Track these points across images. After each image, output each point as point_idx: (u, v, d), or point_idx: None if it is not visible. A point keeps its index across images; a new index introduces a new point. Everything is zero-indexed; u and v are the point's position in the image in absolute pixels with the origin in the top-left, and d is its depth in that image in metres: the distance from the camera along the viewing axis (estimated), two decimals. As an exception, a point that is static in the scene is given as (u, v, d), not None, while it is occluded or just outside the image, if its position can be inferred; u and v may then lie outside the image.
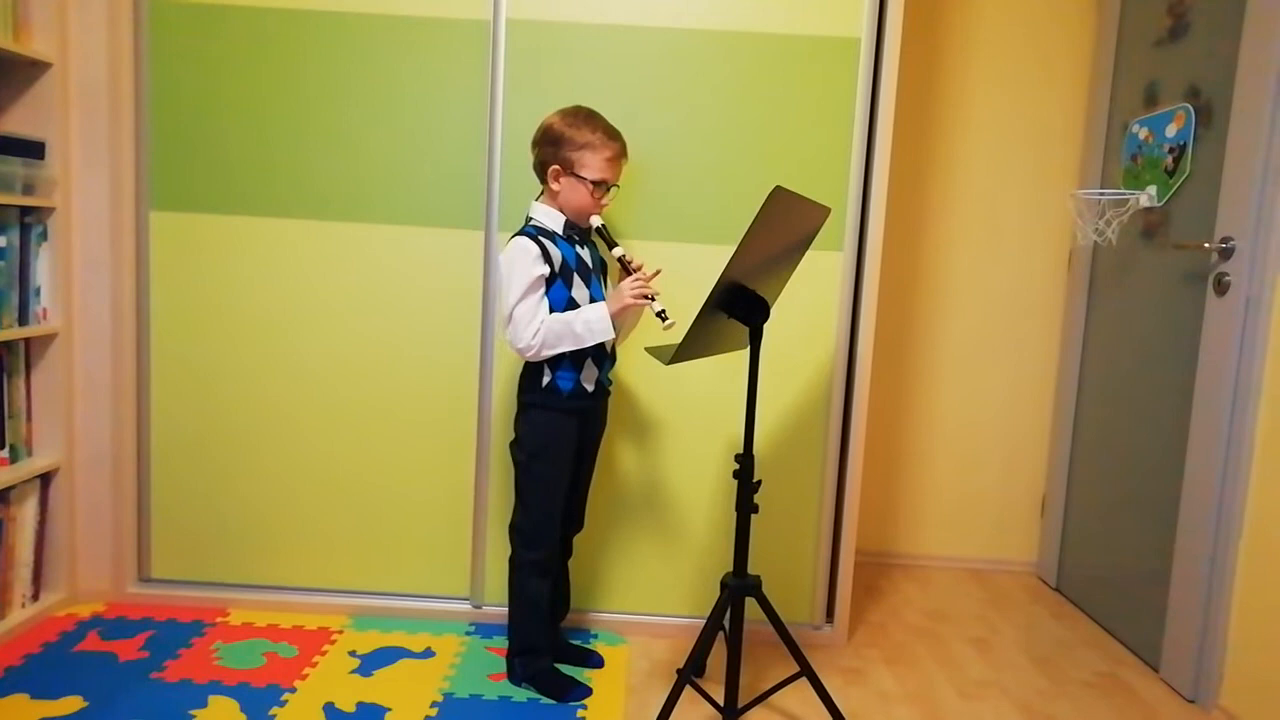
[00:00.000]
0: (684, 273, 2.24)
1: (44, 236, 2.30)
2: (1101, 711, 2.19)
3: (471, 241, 2.37)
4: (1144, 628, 2.47)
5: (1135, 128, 2.63)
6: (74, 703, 1.95)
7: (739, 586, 1.90)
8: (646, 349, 1.96)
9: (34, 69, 2.25)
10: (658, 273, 1.99)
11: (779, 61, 2.30)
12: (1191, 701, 2.23)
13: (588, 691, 2.12)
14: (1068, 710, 2.19)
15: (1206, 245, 2.22)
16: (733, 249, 1.65)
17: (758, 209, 1.62)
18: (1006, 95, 3.03)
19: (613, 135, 2.00)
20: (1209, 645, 2.18)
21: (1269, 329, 2.06)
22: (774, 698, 2.09)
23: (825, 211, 1.91)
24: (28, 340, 2.32)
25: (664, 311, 1.89)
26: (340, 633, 2.37)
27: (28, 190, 2.22)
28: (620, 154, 2.01)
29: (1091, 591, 2.80)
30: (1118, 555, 2.63)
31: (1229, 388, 2.13)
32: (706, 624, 1.92)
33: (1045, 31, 3.00)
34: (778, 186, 1.63)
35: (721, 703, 1.97)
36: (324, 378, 2.42)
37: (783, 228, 1.78)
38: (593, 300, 2.01)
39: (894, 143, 2.33)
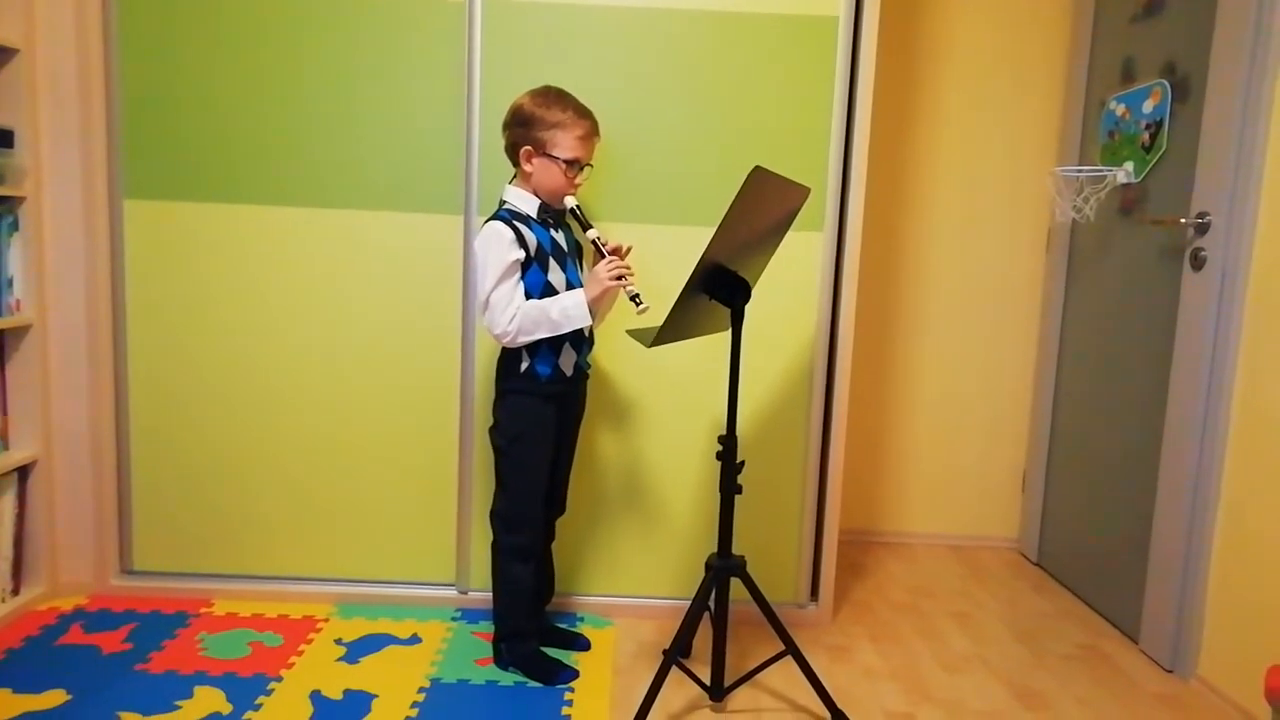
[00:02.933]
0: (663, 255, 2.23)
1: (15, 227, 2.26)
2: (1082, 683, 2.22)
3: (450, 226, 2.35)
4: (1123, 600, 2.50)
5: (1112, 104, 2.64)
6: (57, 696, 1.94)
7: (723, 567, 1.91)
8: (628, 331, 1.96)
9: (0, 56, 2.20)
10: (629, 249, 1.97)
11: (757, 41, 2.29)
12: (1170, 671, 2.27)
13: (575, 674, 2.13)
14: (1049, 682, 2.22)
15: (1183, 220, 2.23)
16: (712, 230, 1.65)
17: (737, 189, 1.61)
18: (984, 73, 3.03)
19: (583, 113, 1.98)
20: (1187, 616, 2.22)
21: (1244, 303, 2.08)
22: (760, 677, 2.11)
23: (805, 191, 1.91)
24: (1, 332, 2.29)
25: (638, 295, 1.88)
26: (326, 621, 2.36)
27: (-3, 180, 2.19)
28: (592, 132, 2.00)
29: (1072, 565, 2.83)
30: (1097, 529, 2.66)
31: (1205, 362, 2.15)
32: (692, 605, 1.93)
33: (1022, 9, 3.00)
34: (757, 166, 1.63)
35: (708, 683, 1.98)
36: (303, 365, 2.40)
37: (763, 208, 1.78)
38: (569, 284, 2.00)
39: (873, 122, 2.32)
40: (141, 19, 2.28)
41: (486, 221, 1.97)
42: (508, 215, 1.96)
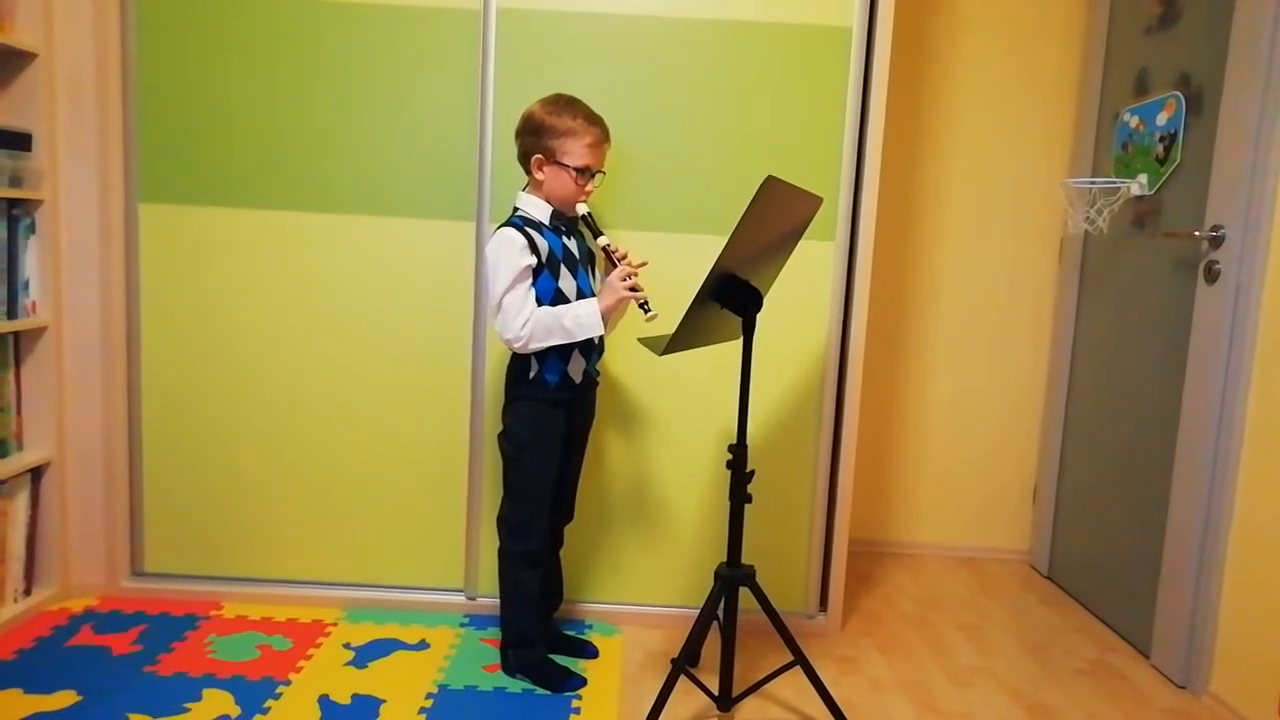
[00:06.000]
0: (675, 263, 2.23)
1: (31, 229, 2.28)
2: (1092, 698, 2.21)
3: (462, 233, 2.36)
4: (1135, 614, 2.48)
5: (1126, 116, 2.63)
6: (68, 697, 1.95)
7: (733, 576, 1.91)
8: (639, 340, 1.96)
9: (19, 59, 2.22)
10: (644, 264, 1.97)
11: (771, 50, 2.30)
12: (1182, 687, 2.25)
13: (582, 682, 2.13)
14: (1059, 697, 2.20)
15: (1197, 233, 2.22)
16: (725, 239, 1.65)
17: (750, 199, 1.61)
18: (998, 83, 3.03)
19: (594, 121, 1.99)
20: (1199, 631, 2.20)
21: (1258, 316, 2.07)
22: (768, 687, 2.10)
23: (817, 201, 1.91)
24: (17, 334, 2.30)
25: (646, 303, 1.89)
26: (334, 625, 2.37)
27: (14, 182, 2.20)
28: (602, 139, 2.00)
29: (1083, 579, 2.81)
30: (1109, 543, 2.65)
31: (1219, 375, 2.14)
32: (701, 614, 1.92)
33: (1036, 20, 3.00)
34: (770, 176, 1.63)
35: (716, 692, 1.97)
36: (315, 369, 2.41)
37: (775, 218, 1.78)
38: (580, 291, 2.01)
39: (885, 131, 2.32)
40: (159, 24, 2.30)
41: (499, 228, 1.98)
42: (520, 222, 1.97)
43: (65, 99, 2.30)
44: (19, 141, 2.22)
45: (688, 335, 1.77)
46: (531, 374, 2.01)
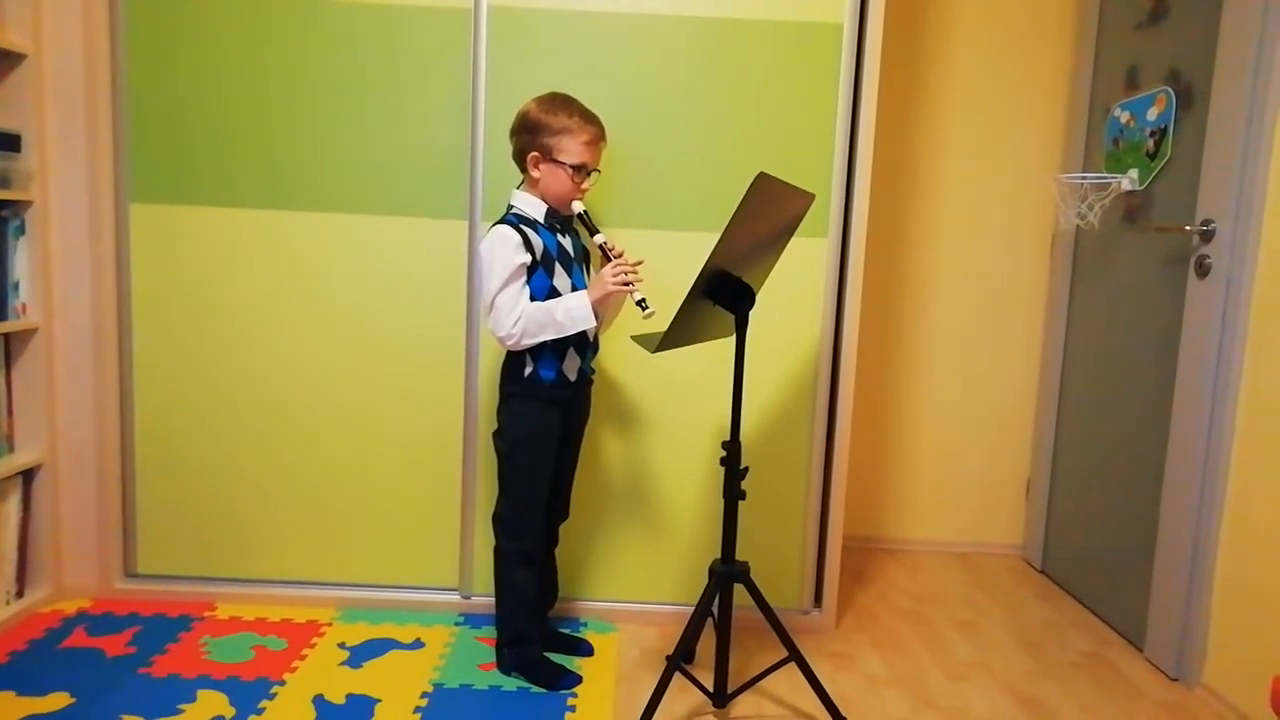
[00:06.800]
0: (668, 260, 2.23)
1: (21, 230, 2.27)
2: (1087, 691, 2.21)
3: (455, 231, 2.36)
4: (1128, 608, 2.49)
5: (1116, 111, 2.64)
6: (61, 699, 1.94)
7: (727, 573, 1.91)
8: (632, 337, 1.96)
9: (8, 60, 2.21)
10: (640, 262, 1.97)
11: (762, 47, 2.30)
12: (1175, 680, 2.26)
13: (578, 679, 2.13)
14: (1054, 690, 2.21)
15: (1187, 228, 2.23)
16: (717, 236, 1.65)
17: (742, 196, 1.62)
18: (988, 80, 3.03)
19: (590, 119, 1.99)
20: (1192, 624, 2.21)
21: (1249, 310, 2.08)
22: (763, 683, 2.10)
23: (809, 198, 1.91)
24: (7, 335, 2.29)
25: (644, 300, 1.88)
26: (329, 625, 2.36)
27: (4, 184, 2.19)
28: (598, 137, 2.00)
29: (1077, 573, 2.82)
30: (1102, 536, 2.66)
31: (1210, 369, 2.15)
32: (695, 611, 1.92)
33: (1026, 16, 3.01)
34: (762, 173, 1.63)
35: (711, 689, 1.98)
36: (308, 369, 2.41)
37: (767, 214, 1.78)
38: (575, 289, 2.00)
39: (877, 128, 2.33)
40: (149, 24, 2.29)
41: (493, 225, 1.98)
42: (515, 219, 1.97)
43: (54, 100, 2.29)
44: (8, 142, 2.21)
45: (681, 332, 1.77)
46: (526, 372, 2.01)
